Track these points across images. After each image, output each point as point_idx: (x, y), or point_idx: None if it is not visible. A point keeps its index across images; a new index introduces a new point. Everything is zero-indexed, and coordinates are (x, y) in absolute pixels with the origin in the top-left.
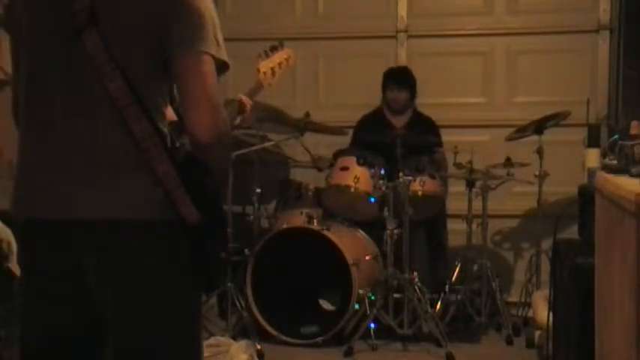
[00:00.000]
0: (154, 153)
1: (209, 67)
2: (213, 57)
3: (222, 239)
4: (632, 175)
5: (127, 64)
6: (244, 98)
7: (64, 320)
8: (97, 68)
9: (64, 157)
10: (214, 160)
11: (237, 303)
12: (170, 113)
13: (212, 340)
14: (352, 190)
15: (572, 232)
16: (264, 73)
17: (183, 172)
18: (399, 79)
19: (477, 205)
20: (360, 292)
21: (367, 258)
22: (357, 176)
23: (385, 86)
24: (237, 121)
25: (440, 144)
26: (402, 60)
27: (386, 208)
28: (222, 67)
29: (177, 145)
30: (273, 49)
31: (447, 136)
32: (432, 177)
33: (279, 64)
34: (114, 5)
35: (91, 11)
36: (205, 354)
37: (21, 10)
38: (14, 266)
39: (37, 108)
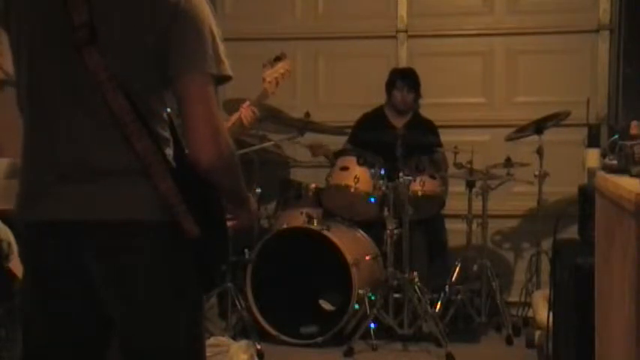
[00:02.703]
0: (157, 169)
1: (210, 89)
2: (216, 75)
3: (223, 251)
4: (632, 175)
5: (127, 80)
6: (244, 113)
7: (67, 320)
8: (98, 85)
9: (68, 163)
10: (220, 181)
11: (237, 303)
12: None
13: (212, 340)
14: (352, 190)
15: (572, 232)
16: (269, 82)
17: (187, 186)
18: (410, 80)
19: (477, 205)
20: (360, 292)
21: (367, 258)
22: (357, 176)
23: (393, 86)
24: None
25: (440, 144)
26: (402, 60)
27: (386, 208)
28: (224, 78)
29: (186, 151)
30: (277, 59)
31: (447, 136)
32: (432, 177)
33: (282, 74)
34: (113, 21)
35: (91, 27)
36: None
37: (22, 14)
38: (14, 266)
39: (40, 114)
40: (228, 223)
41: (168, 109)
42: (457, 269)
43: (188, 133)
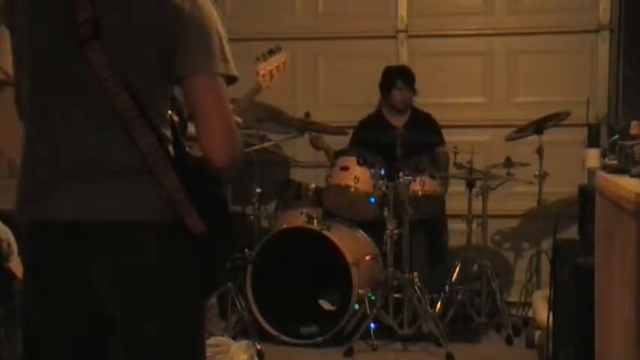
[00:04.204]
0: (160, 166)
1: (222, 89)
2: (223, 75)
3: (228, 249)
4: (632, 175)
5: (130, 77)
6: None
7: (68, 320)
8: (101, 82)
9: (69, 162)
10: (228, 177)
11: (237, 303)
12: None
13: (212, 340)
14: (352, 190)
15: (572, 232)
16: (263, 75)
17: (191, 184)
18: (409, 78)
19: (477, 205)
20: (360, 292)
21: (367, 258)
22: (357, 176)
23: (392, 85)
24: None
25: (441, 141)
26: (403, 60)
27: (386, 208)
28: (229, 79)
29: (188, 149)
30: (271, 52)
31: (447, 136)
32: (432, 177)
33: (277, 67)
34: (117, 17)
35: (94, 23)
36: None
37: (26, 10)
38: (14, 266)
39: (41, 112)
40: None
41: (170, 112)
42: (457, 269)
43: (200, 134)
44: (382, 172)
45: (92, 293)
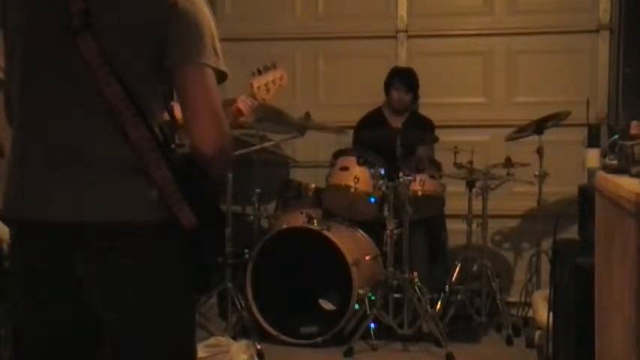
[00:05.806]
0: (151, 158)
1: (211, 79)
2: (213, 68)
3: (219, 243)
4: (632, 175)
5: (122, 68)
6: (241, 104)
7: (60, 321)
8: (93, 72)
9: (59, 159)
10: (217, 170)
11: (237, 303)
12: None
13: (212, 340)
14: (352, 190)
15: (572, 232)
16: (258, 88)
17: (181, 177)
18: (408, 80)
19: (477, 205)
20: (360, 292)
21: (367, 258)
22: (357, 176)
23: (391, 85)
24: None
25: (434, 140)
26: (402, 60)
27: (386, 208)
28: (220, 76)
29: (173, 146)
30: (266, 68)
31: (447, 136)
32: (432, 177)
33: (273, 81)
34: (110, 9)
35: (87, 15)
36: (205, 354)
37: (20, 5)
38: None
39: (32, 108)
40: None
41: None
42: (457, 269)
43: (189, 123)
44: (382, 172)
45: (82, 294)
